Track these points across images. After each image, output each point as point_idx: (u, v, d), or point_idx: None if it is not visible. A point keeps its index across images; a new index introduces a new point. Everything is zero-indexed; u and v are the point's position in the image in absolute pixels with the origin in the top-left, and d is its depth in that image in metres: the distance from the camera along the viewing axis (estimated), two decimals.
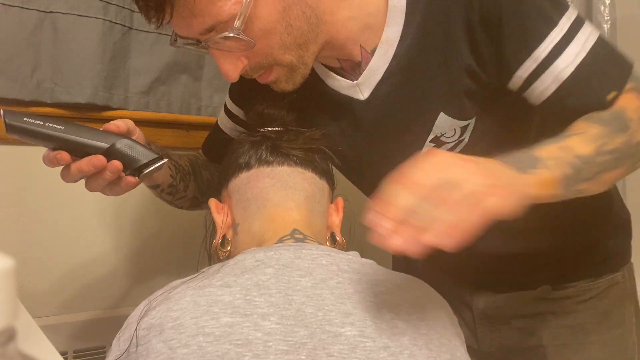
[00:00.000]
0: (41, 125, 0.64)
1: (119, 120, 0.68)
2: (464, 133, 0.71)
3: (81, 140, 0.65)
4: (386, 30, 0.69)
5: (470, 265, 0.88)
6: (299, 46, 0.67)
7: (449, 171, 0.50)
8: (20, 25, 0.92)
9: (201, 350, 0.48)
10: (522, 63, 0.63)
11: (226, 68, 0.67)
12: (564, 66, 0.62)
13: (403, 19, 0.67)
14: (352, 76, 0.73)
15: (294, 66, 0.68)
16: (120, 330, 0.55)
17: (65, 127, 0.65)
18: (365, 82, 0.72)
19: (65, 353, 0.96)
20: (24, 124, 0.63)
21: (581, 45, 0.62)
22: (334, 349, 0.49)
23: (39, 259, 0.98)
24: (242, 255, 0.57)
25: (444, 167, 0.50)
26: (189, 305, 0.51)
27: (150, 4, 0.61)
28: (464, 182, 0.48)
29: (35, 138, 0.64)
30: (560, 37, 0.62)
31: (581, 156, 0.56)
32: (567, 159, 0.56)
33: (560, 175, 0.54)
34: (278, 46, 0.66)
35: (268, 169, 0.69)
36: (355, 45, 0.71)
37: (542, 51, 0.62)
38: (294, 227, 0.64)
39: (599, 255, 0.81)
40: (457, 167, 0.51)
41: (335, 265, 0.57)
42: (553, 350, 0.81)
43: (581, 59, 0.62)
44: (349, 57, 0.72)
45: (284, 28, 0.64)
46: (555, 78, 0.63)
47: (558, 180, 0.54)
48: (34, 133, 0.64)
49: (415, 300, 0.57)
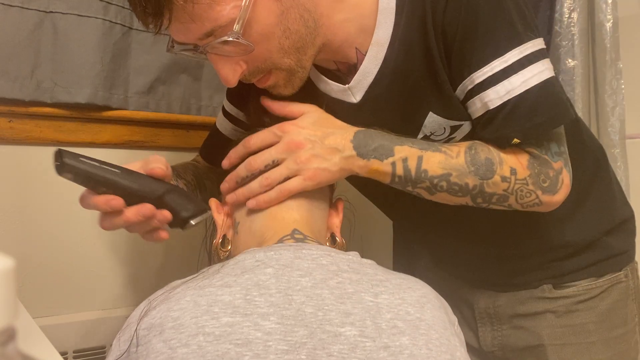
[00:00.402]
0: (96, 167, 0.62)
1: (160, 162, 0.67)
2: (454, 131, 0.71)
3: (133, 186, 0.63)
4: (376, 32, 0.69)
5: (472, 265, 0.88)
6: (297, 50, 0.67)
7: (282, 142, 0.66)
8: (20, 25, 0.92)
9: (201, 350, 0.48)
10: (462, 80, 0.66)
11: (225, 73, 0.67)
12: (494, 97, 0.64)
13: (393, 20, 0.68)
14: (349, 78, 0.73)
15: (293, 70, 0.68)
16: (121, 331, 0.55)
17: (121, 171, 0.63)
18: (357, 86, 0.72)
19: (65, 353, 0.96)
20: (80, 164, 0.61)
21: (519, 83, 0.63)
22: (334, 348, 0.49)
23: (39, 259, 0.98)
24: (242, 256, 0.57)
25: (286, 133, 0.66)
26: (189, 305, 0.51)
27: (148, 10, 0.61)
28: (288, 158, 0.66)
29: (88, 179, 0.62)
30: (500, 68, 0.64)
31: (427, 173, 0.67)
32: (414, 167, 0.66)
33: (393, 174, 0.67)
34: (277, 50, 0.66)
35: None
36: (351, 48, 0.71)
37: (479, 76, 0.65)
38: (294, 227, 0.64)
39: (601, 254, 0.81)
40: (312, 131, 0.66)
41: (335, 265, 0.57)
42: (554, 349, 0.81)
43: (511, 97, 0.64)
44: (345, 60, 0.72)
45: (282, 32, 0.65)
46: (484, 105, 0.66)
47: (388, 175, 0.67)
48: (89, 174, 0.61)
49: (415, 300, 0.56)
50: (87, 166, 0.61)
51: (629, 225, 0.85)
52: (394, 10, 0.67)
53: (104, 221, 0.66)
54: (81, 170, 0.61)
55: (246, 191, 0.67)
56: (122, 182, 0.63)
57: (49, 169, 0.99)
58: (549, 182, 0.67)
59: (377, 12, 0.68)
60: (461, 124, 0.70)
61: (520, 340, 0.84)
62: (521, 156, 0.67)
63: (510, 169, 0.66)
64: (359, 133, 0.68)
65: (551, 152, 0.68)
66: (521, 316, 0.84)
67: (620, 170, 1.29)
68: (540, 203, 0.68)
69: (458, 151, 0.67)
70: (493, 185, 0.66)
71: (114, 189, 0.62)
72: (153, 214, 0.64)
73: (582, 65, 1.29)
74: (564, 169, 0.68)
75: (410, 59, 0.68)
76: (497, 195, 0.67)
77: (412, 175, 0.67)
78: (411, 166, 0.66)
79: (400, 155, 0.67)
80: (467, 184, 0.66)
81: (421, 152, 0.67)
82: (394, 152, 0.67)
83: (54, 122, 0.97)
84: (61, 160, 0.60)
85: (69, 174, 0.61)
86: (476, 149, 0.67)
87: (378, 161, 0.67)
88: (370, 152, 0.67)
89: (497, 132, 0.66)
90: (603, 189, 0.82)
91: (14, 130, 0.94)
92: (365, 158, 0.67)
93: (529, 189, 0.67)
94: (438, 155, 0.67)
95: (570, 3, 1.29)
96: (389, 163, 0.67)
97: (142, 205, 0.63)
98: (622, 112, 1.30)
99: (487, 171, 0.66)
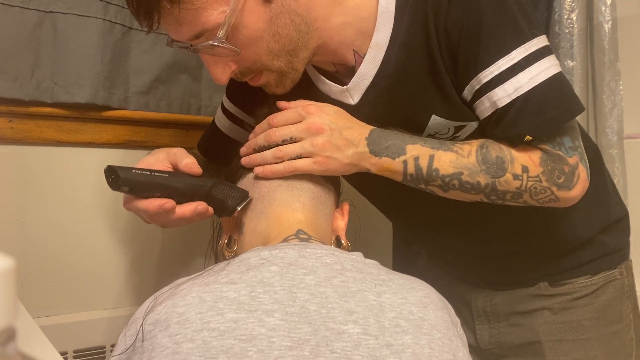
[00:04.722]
0: (149, 175, 0.66)
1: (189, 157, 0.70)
2: (458, 131, 0.72)
3: (184, 187, 0.68)
4: (375, 35, 0.69)
5: (469, 264, 0.88)
6: (287, 53, 0.68)
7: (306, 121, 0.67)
8: (20, 25, 0.92)
9: (206, 345, 0.48)
10: (469, 81, 0.66)
11: (215, 72, 0.69)
12: (502, 95, 0.65)
13: (392, 23, 0.68)
14: (347, 80, 0.74)
15: (284, 72, 0.70)
16: (127, 326, 0.55)
17: (169, 175, 0.68)
18: (355, 87, 0.72)
19: (65, 353, 0.96)
20: (134, 175, 0.65)
21: (527, 80, 0.64)
22: (337, 345, 0.50)
23: (39, 259, 0.98)
24: (247, 254, 0.58)
25: (310, 115, 0.67)
26: (194, 301, 0.51)
27: (139, 11, 0.64)
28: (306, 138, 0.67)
29: (143, 189, 0.66)
30: (507, 66, 0.64)
31: (438, 172, 0.67)
32: (425, 166, 0.67)
33: (404, 172, 0.68)
34: (266, 53, 0.67)
35: None
36: (348, 50, 0.71)
37: (486, 75, 0.65)
38: (299, 228, 0.65)
39: (596, 252, 0.82)
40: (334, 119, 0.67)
41: (339, 264, 0.57)
42: (550, 346, 0.82)
43: (520, 94, 0.64)
44: (343, 62, 0.73)
45: (271, 36, 0.66)
46: (492, 104, 0.66)
47: (400, 174, 0.68)
48: (144, 184, 0.65)
49: (417, 300, 0.57)
50: (141, 177, 0.66)
51: (623, 224, 0.86)
52: (394, 14, 0.68)
53: (153, 219, 0.69)
54: (137, 182, 0.65)
55: (259, 158, 0.69)
56: (174, 185, 0.67)
57: (49, 169, 1.00)
58: (564, 177, 0.67)
59: (377, 15, 0.68)
60: (464, 125, 0.71)
61: (517, 337, 0.85)
62: (533, 153, 0.67)
63: (522, 167, 0.66)
64: (374, 131, 0.69)
65: (565, 147, 0.67)
66: (518, 313, 0.85)
67: (619, 170, 1.30)
68: (557, 199, 0.68)
69: (470, 150, 0.68)
70: (505, 184, 0.67)
71: (167, 193, 0.67)
72: (206, 210, 0.68)
73: (581, 66, 1.30)
74: (580, 164, 0.68)
75: (412, 62, 0.68)
76: (510, 193, 0.68)
77: (423, 173, 0.68)
78: (422, 165, 0.67)
79: (412, 154, 0.67)
80: (479, 182, 0.67)
81: (433, 151, 0.67)
82: (405, 151, 0.68)
83: (54, 122, 0.97)
84: (116, 176, 0.64)
85: (126, 187, 0.65)
86: (487, 147, 0.68)
87: (390, 159, 0.68)
88: (382, 150, 0.68)
89: (509, 130, 0.66)
90: (598, 188, 0.82)
91: (14, 130, 0.94)
92: (377, 156, 0.68)
93: (543, 186, 0.67)
94: (449, 155, 0.67)
95: (570, 4, 1.29)
96: (401, 161, 0.68)
97: (199, 203, 0.68)
98: (620, 113, 1.30)
99: (499, 170, 0.67)
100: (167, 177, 0.67)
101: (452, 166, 0.67)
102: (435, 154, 0.67)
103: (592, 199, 0.75)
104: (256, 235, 0.67)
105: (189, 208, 0.67)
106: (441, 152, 0.68)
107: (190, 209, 0.67)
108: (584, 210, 0.73)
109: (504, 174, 0.66)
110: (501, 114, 0.66)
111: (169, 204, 0.66)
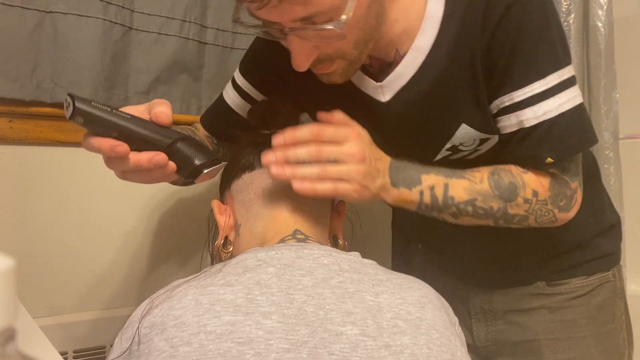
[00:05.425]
0: (109, 112, 0.60)
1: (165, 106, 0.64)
2: (482, 144, 0.73)
3: (145, 133, 0.61)
4: (418, 38, 0.69)
5: (467, 263, 0.89)
6: (365, 43, 0.67)
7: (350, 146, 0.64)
8: (20, 25, 0.92)
9: (203, 349, 0.48)
10: (500, 96, 0.68)
11: (300, 58, 0.65)
12: (531, 116, 0.67)
13: (437, 29, 0.69)
14: (378, 75, 0.74)
15: (354, 61, 0.69)
16: (122, 329, 0.55)
17: (132, 117, 0.62)
18: (389, 85, 0.73)
19: (65, 353, 0.96)
20: (92, 108, 0.59)
21: (556, 106, 0.66)
22: (335, 347, 0.50)
23: (39, 259, 0.98)
24: (243, 255, 0.58)
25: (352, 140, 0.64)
26: (190, 304, 0.51)
27: None
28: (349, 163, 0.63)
29: (99, 125, 0.60)
30: (540, 90, 0.66)
31: (454, 199, 0.68)
32: (441, 194, 0.68)
33: (419, 202, 0.68)
34: (353, 41, 0.66)
35: None
36: (393, 47, 0.71)
37: (519, 95, 0.66)
38: (296, 228, 0.65)
39: (591, 254, 0.84)
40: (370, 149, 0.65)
41: (337, 265, 0.57)
42: (547, 344, 0.83)
43: (547, 118, 0.66)
44: (382, 57, 0.73)
45: (363, 24, 0.65)
46: (519, 122, 0.68)
47: (415, 204, 0.69)
48: (99, 119, 0.59)
49: (415, 299, 0.57)
50: (99, 111, 0.60)
51: (616, 229, 0.89)
52: (440, 20, 0.68)
53: (109, 164, 0.65)
54: (93, 114, 0.59)
55: (299, 173, 0.64)
56: (133, 128, 0.61)
57: (49, 169, 1.00)
58: (565, 201, 0.71)
59: (423, 19, 0.69)
60: (489, 137, 0.72)
61: (514, 335, 0.86)
62: (544, 178, 0.70)
63: (533, 192, 0.69)
64: (392, 162, 0.69)
65: (571, 174, 0.71)
66: (516, 312, 0.86)
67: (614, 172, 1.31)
68: (556, 220, 0.72)
69: (481, 177, 0.69)
70: (516, 207, 0.69)
71: (125, 135, 0.61)
72: (166, 163, 0.63)
73: (577, 69, 1.30)
74: (579, 189, 0.72)
75: (454, 71, 0.69)
76: (518, 217, 0.70)
77: (439, 202, 0.69)
78: (438, 194, 0.68)
79: (427, 184, 0.68)
80: (492, 207, 0.69)
81: (447, 179, 0.69)
82: (421, 180, 0.68)
83: (54, 122, 0.97)
84: (73, 104, 0.58)
85: (81, 117, 0.59)
86: (499, 174, 0.70)
87: (407, 190, 0.68)
88: (400, 181, 0.68)
89: (533, 150, 0.68)
90: (595, 195, 0.85)
91: (14, 130, 0.94)
92: (396, 187, 0.68)
93: (547, 209, 0.70)
94: (463, 182, 0.69)
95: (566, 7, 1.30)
96: (417, 192, 0.68)
97: (157, 153, 0.62)
98: (616, 115, 1.31)
99: (511, 194, 0.69)
100: (129, 118, 0.61)
101: (467, 193, 0.68)
102: (449, 182, 0.68)
103: (589, 204, 0.77)
104: (252, 236, 0.67)
105: (145, 156, 0.62)
106: (454, 179, 0.69)
107: (146, 158, 0.62)
108: (582, 214, 0.75)
109: (516, 198, 0.69)
110: (526, 133, 0.67)
111: (121, 147, 0.60)
